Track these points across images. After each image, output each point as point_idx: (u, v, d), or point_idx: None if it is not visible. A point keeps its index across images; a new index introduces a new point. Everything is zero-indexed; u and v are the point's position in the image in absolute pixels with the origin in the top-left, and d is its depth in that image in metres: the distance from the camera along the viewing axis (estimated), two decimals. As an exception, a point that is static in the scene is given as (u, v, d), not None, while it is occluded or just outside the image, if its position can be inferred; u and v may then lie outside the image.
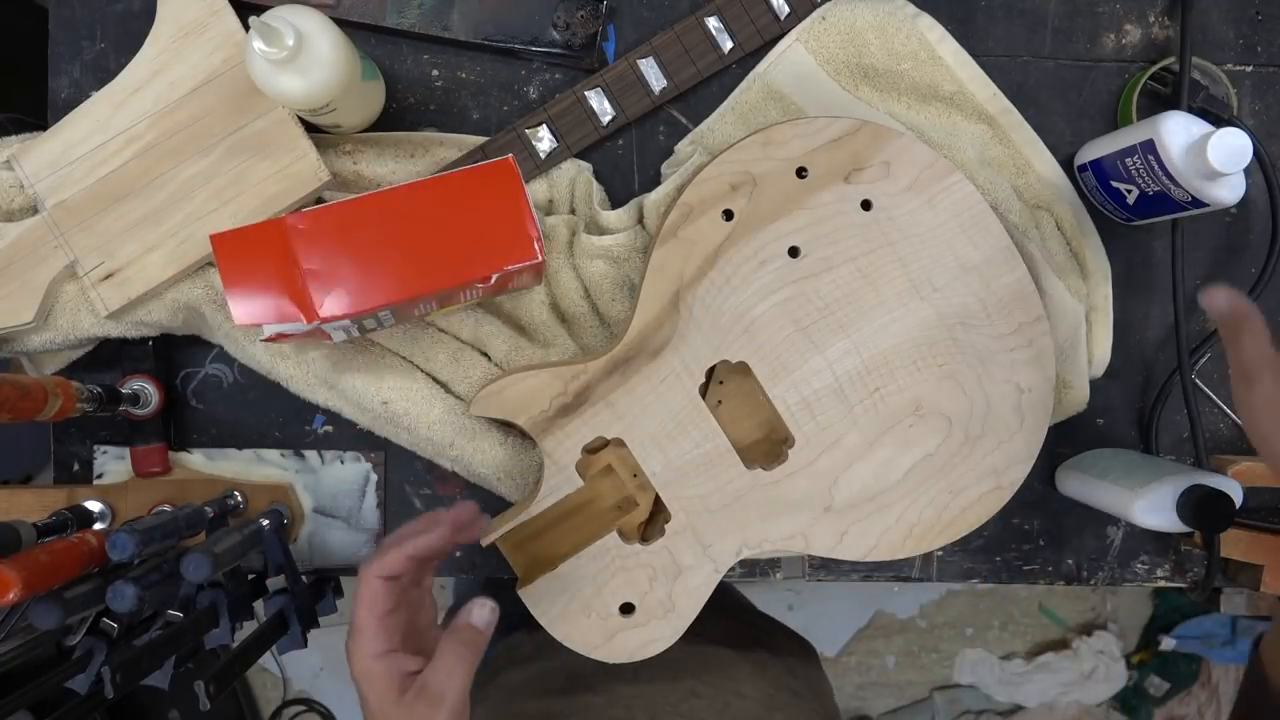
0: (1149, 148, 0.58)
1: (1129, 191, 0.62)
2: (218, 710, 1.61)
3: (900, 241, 0.60)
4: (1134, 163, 0.60)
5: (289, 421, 0.67)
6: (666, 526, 0.61)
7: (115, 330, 0.62)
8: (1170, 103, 0.65)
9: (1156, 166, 0.58)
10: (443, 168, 0.63)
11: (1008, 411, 0.61)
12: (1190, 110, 0.65)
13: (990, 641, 1.81)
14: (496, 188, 0.54)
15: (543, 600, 0.60)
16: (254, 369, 0.65)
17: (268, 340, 0.55)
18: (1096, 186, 0.65)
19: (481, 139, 0.64)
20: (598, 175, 0.65)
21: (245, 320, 0.53)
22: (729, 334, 0.60)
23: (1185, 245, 0.66)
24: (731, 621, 0.83)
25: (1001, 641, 1.81)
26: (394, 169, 0.63)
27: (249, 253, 0.53)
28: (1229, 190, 0.58)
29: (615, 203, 0.66)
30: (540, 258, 0.54)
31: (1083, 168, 0.65)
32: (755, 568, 0.70)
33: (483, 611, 0.49)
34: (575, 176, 0.64)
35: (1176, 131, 0.57)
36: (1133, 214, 0.65)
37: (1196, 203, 0.59)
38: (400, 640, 0.48)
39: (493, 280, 0.54)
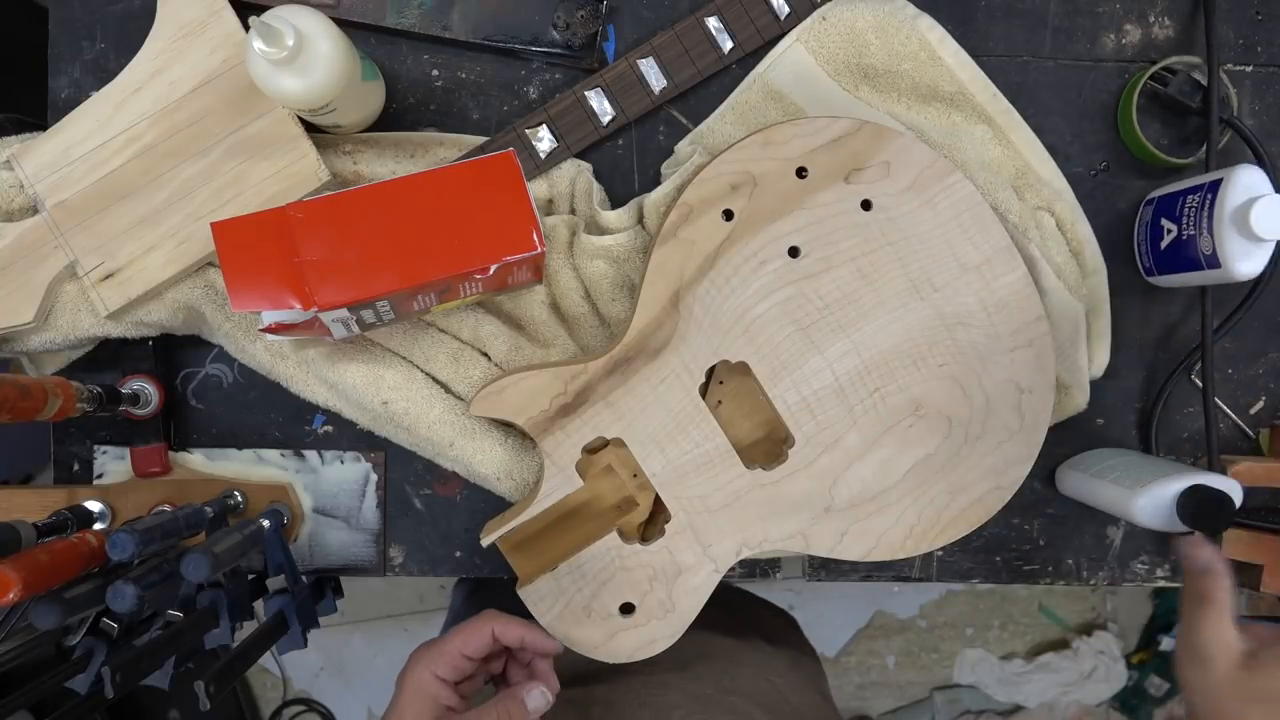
0: (1214, 187, 0.59)
1: (1169, 231, 0.62)
2: (218, 710, 1.61)
3: (900, 241, 0.60)
4: (1193, 200, 0.60)
5: (289, 421, 0.67)
6: (666, 526, 0.61)
7: (115, 330, 0.62)
8: (1170, 105, 0.65)
9: (1207, 207, 0.59)
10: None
11: (1008, 411, 0.61)
12: (1190, 110, 0.65)
13: (990, 641, 1.81)
14: (497, 180, 0.54)
15: (543, 600, 0.60)
16: (254, 369, 0.65)
17: (266, 330, 0.55)
18: (1148, 222, 0.65)
19: (481, 139, 0.64)
20: (598, 175, 0.65)
21: (243, 307, 0.53)
22: (729, 334, 0.60)
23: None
24: (718, 604, 0.84)
25: (1001, 641, 1.81)
26: (394, 169, 0.63)
27: (249, 241, 0.53)
28: (1247, 260, 0.58)
29: (615, 203, 0.66)
30: (540, 249, 0.54)
31: (1149, 201, 0.66)
32: (755, 568, 0.70)
33: (538, 697, 0.54)
34: (575, 176, 0.64)
35: (1244, 182, 0.58)
36: (1156, 264, 0.65)
37: (1213, 262, 0.59)
38: (456, 683, 0.54)
39: (492, 271, 0.54)
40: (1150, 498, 0.58)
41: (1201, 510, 0.56)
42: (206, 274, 0.62)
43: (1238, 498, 0.58)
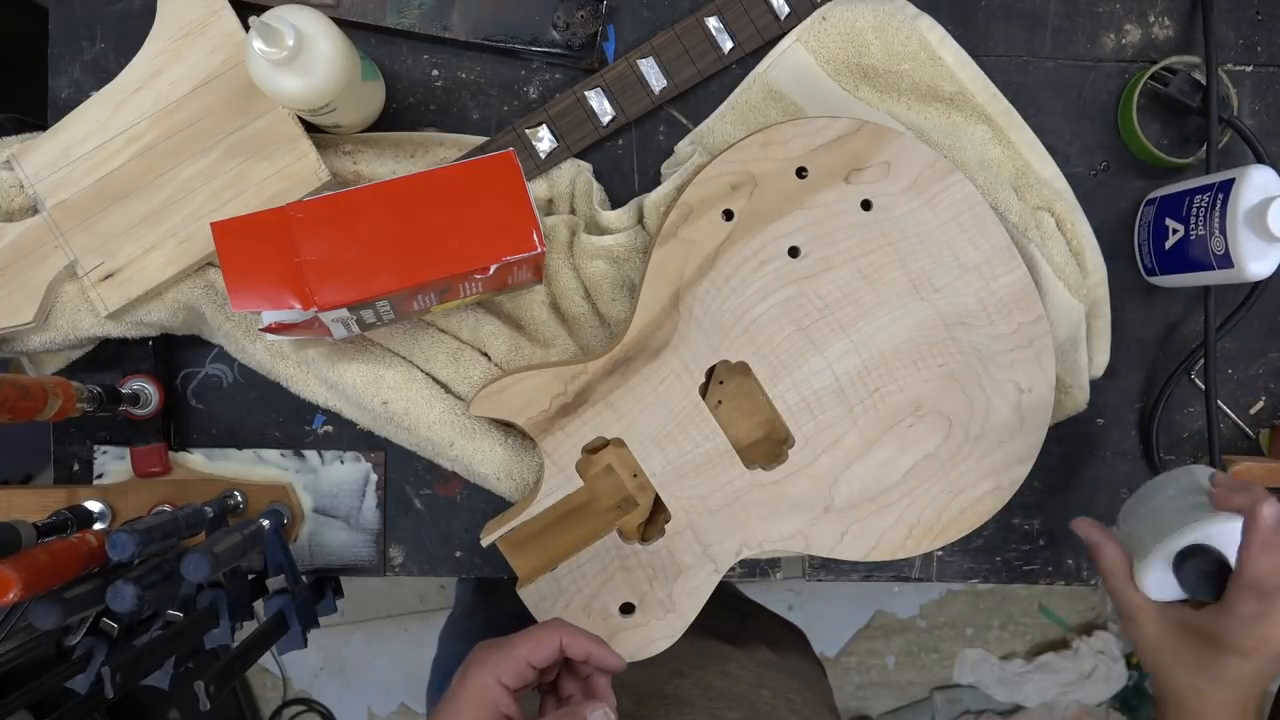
0: (1224, 187, 0.59)
1: (1175, 231, 0.63)
2: (218, 710, 1.61)
3: (900, 241, 0.60)
4: (1202, 200, 0.61)
5: (289, 421, 0.67)
6: (666, 526, 0.61)
7: (115, 330, 0.62)
8: (1170, 104, 0.65)
9: (1219, 207, 0.59)
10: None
11: (1007, 411, 0.61)
12: (1190, 110, 0.65)
13: (990, 641, 1.81)
14: (497, 180, 0.54)
15: (543, 600, 0.60)
16: (254, 369, 0.65)
17: (266, 330, 0.55)
18: (1150, 222, 0.66)
19: (481, 139, 0.64)
20: (598, 175, 0.65)
21: (243, 307, 0.53)
22: (729, 334, 0.60)
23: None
24: (719, 608, 0.84)
25: (1001, 641, 1.81)
26: (394, 169, 0.63)
27: (249, 241, 0.53)
28: (1261, 260, 0.59)
29: (615, 203, 0.66)
30: (540, 248, 0.54)
31: (1151, 201, 0.66)
32: (755, 568, 0.70)
33: (601, 718, 0.52)
34: (575, 176, 0.64)
35: (1258, 182, 0.58)
36: (1159, 264, 0.66)
37: (1224, 261, 0.59)
38: (518, 691, 0.52)
39: (492, 271, 0.54)
40: (1154, 577, 0.53)
41: (1200, 582, 0.51)
42: (206, 274, 0.62)
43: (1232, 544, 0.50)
